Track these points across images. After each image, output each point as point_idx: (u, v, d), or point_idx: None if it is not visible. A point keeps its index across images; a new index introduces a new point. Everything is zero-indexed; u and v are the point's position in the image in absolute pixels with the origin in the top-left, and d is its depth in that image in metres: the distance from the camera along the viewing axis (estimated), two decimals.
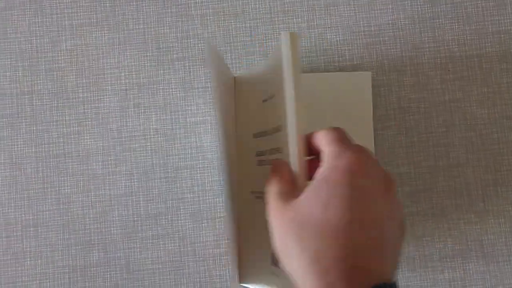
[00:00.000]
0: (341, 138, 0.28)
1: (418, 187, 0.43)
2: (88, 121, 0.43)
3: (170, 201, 0.43)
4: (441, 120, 0.43)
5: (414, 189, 0.43)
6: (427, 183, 0.43)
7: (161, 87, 0.44)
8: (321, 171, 0.27)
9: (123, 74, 0.44)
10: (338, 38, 0.44)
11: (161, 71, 0.44)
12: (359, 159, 0.27)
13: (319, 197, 0.26)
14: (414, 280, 0.42)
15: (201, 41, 0.44)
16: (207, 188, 0.43)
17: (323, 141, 0.28)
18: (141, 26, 0.44)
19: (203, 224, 0.42)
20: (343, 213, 0.25)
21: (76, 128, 0.43)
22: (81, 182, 0.43)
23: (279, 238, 0.27)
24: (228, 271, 0.42)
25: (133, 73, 0.44)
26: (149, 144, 0.43)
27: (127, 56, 0.44)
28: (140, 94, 0.44)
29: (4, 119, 0.43)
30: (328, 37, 0.44)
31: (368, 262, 0.25)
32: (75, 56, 0.44)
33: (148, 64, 0.44)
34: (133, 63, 0.44)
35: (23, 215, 0.42)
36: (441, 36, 0.44)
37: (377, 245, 0.25)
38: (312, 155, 0.30)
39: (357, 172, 0.26)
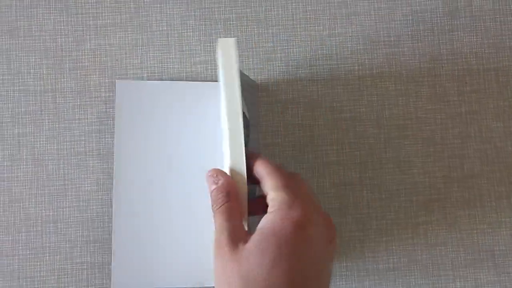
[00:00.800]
0: (288, 182, 0.28)
1: (432, 196, 0.44)
2: (110, 120, 0.44)
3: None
4: (457, 131, 0.44)
5: (428, 198, 0.44)
6: (441, 193, 0.44)
7: None
8: (271, 220, 0.27)
9: (145, 75, 0.44)
10: (358, 47, 0.45)
11: (184, 74, 0.44)
12: (309, 211, 0.27)
13: (266, 254, 0.25)
14: None
15: None
16: None
17: (269, 182, 0.28)
18: (165, 28, 0.45)
19: None
20: (288, 275, 0.25)
21: (98, 127, 0.44)
22: (101, 180, 0.43)
23: (218, 285, 0.27)
24: None
25: (156, 74, 0.44)
26: None
27: (150, 57, 0.44)
28: None
29: (27, 116, 0.44)
30: (349, 45, 0.45)
31: None
32: (98, 56, 0.44)
33: (171, 66, 0.44)
34: (155, 65, 0.44)
35: (43, 211, 0.43)
36: (459, 49, 0.45)
37: None
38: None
39: (306, 226, 0.26)
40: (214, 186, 0.30)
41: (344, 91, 0.45)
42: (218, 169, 0.31)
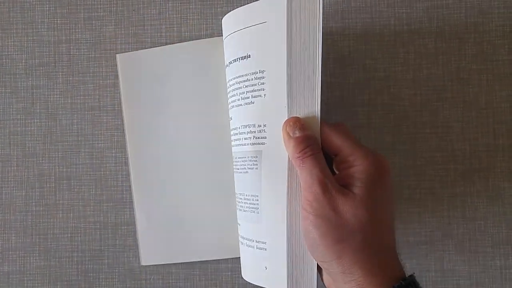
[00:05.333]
0: (352, 138, 0.31)
1: (473, 166, 0.40)
2: None
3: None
4: (505, 94, 0.40)
5: (468, 168, 0.40)
6: (483, 163, 0.39)
7: None
8: (366, 170, 0.29)
9: (163, 27, 0.41)
10: (395, 0, 0.40)
11: (204, 25, 0.41)
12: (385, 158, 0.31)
13: (376, 198, 0.29)
14: (462, 265, 0.39)
15: None
16: None
17: (348, 141, 0.30)
18: None
19: None
20: (391, 214, 0.30)
21: (113, 81, 0.41)
22: (115, 137, 0.41)
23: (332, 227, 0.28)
24: None
25: (174, 26, 0.41)
26: None
27: (169, 8, 0.41)
28: None
29: (41, 67, 0.42)
30: None
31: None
32: (114, 5, 0.42)
33: (191, 17, 0.41)
34: (174, 16, 0.41)
35: (56, 167, 0.41)
36: None
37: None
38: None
39: (389, 171, 0.30)
40: (301, 133, 0.30)
41: (378, 48, 0.40)
42: (301, 119, 0.31)
